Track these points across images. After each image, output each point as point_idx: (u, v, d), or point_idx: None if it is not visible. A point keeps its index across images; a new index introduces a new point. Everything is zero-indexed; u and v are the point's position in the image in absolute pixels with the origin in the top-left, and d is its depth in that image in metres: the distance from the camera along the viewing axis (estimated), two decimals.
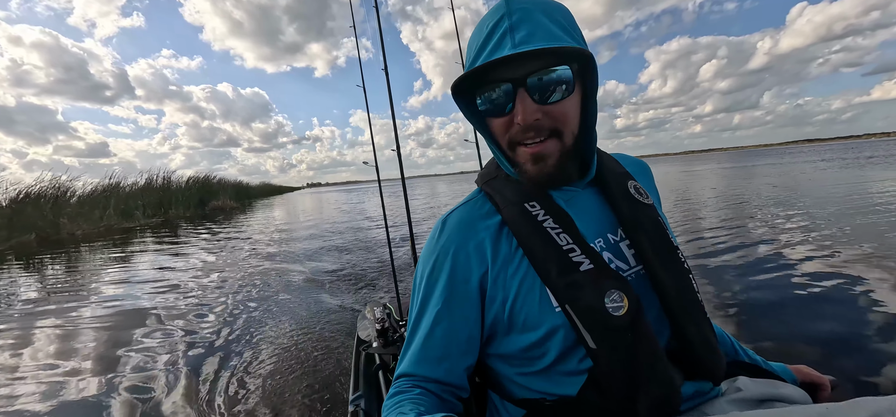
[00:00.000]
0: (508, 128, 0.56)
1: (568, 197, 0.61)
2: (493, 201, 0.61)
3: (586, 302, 0.50)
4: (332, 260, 4.91)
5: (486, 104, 0.55)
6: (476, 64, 0.52)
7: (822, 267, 3.04)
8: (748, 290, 2.71)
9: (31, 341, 2.79)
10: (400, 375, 0.58)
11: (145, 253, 6.53)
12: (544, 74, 0.52)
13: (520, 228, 0.56)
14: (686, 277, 0.57)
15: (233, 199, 21.14)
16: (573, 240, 0.54)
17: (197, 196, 17.43)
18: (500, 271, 0.56)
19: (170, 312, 3.22)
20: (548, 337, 0.53)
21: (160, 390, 1.99)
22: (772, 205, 6.44)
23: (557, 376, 0.55)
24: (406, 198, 2.13)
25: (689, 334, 0.55)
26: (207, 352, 2.38)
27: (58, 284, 4.57)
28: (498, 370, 0.62)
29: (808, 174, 12.29)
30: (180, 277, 4.48)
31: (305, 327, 2.68)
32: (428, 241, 0.62)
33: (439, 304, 0.57)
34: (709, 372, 0.56)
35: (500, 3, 0.54)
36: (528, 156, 0.56)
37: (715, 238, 4.34)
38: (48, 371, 2.29)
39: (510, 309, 0.55)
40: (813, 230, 4.30)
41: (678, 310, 0.55)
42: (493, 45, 0.51)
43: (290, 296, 3.43)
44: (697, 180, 14.11)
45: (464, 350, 0.57)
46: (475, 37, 0.56)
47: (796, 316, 2.26)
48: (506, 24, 0.51)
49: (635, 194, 0.63)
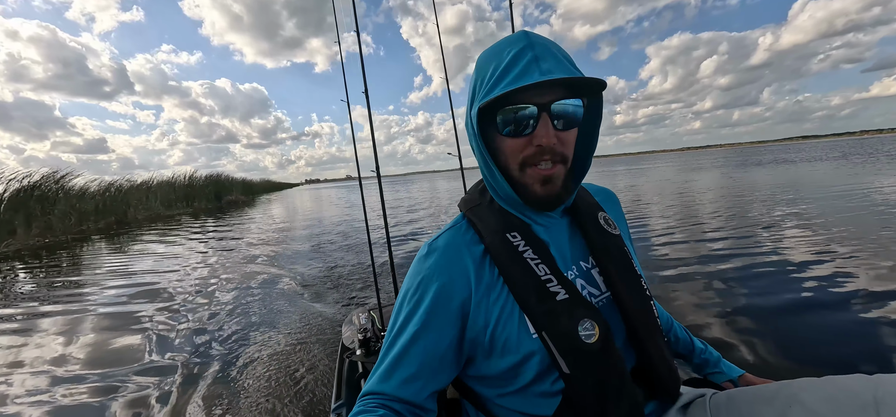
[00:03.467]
0: (523, 149, 0.58)
1: (547, 223, 0.65)
2: (476, 229, 0.64)
3: (561, 330, 0.54)
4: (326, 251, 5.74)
5: (509, 124, 0.58)
6: (507, 87, 0.55)
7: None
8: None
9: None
10: (366, 393, 0.59)
11: (207, 231, 10.00)
12: (565, 104, 0.57)
13: (501, 258, 0.60)
14: (648, 303, 0.63)
15: (242, 194, 24.95)
16: (550, 271, 0.58)
17: (214, 191, 21.09)
18: (482, 297, 0.59)
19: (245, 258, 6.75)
20: (525, 361, 0.57)
21: (249, 309, 3.19)
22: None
23: (532, 396, 0.59)
24: (384, 212, 2.14)
25: (651, 356, 0.61)
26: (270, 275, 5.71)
27: (155, 248, 7.72)
28: (477, 390, 0.65)
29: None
30: (242, 243, 7.99)
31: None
32: (414, 264, 0.64)
33: (418, 325, 0.58)
34: (667, 390, 0.62)
35: (519, 34, 0.59)
36: (538, 177, 0.59)
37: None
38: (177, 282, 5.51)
39: (491, 334, 0.58)
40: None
41: (643, 334, 0.60)
42: (520, 70, 0.55)
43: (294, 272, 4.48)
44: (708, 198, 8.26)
45: (436, 370, 0.59)
46: (493, 59, 0.59)
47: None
48: (530, 55, 0.55)
49: (605, 225, 0.68)
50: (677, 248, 4.11)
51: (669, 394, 0.63)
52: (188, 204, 17.98)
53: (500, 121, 0.58)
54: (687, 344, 0.81)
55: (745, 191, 8.64)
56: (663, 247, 4.22)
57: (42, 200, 9.57)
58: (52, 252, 7.07)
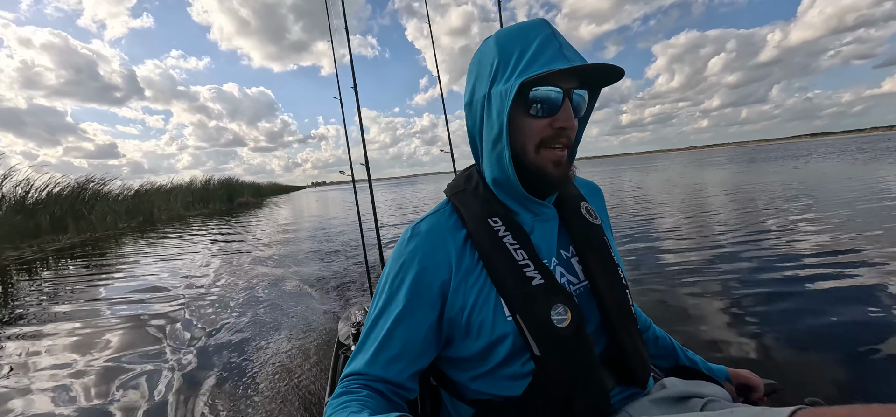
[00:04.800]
0: (543, 131, 0.60)
1: (537, 210, 0.66)
2: (459, 214, 0.65)
3: (535, 313, 0.56)
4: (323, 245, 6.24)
5: (539, 104, 0.58)
6: (553, 65, 0.55)
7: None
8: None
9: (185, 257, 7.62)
10: (349, 374, 0.60)
11: (222, 228, 11.47)
12: (581, 93, 0.61)
13: (482, 242, 0.61)
14: (624, 292, 0.65)
15: (252, 197, 26.54)
16: (528, 256, 0.60)
17: (226, 194, 22.63)
18: (461, 280, 0.60)
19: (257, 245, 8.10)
20: (498, 342, 0.58)
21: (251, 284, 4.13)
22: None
23: (502, 379, 0.60)
24: (374, 207, 2.22)
25: (623, 343, 0.62)
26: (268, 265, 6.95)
27: (183, 241, 9.31)
28: (451, 374, 0.67)
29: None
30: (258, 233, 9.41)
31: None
32: (397, 246, 0.65)
33: (401, 306, 0.59)
34: (636, 377, 0.63)
35: (540, 21, 0.60)
36: (552, 158, 0.60)
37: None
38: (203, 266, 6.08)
39: (468, 317, 0.60)
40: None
41: (616, 322, 0.62)
42: (553, 53, 0.56)
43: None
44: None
45: (418, 353, 0.60)
46: (518, 41, 0.59)
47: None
48: (557, 42, 0.57)
49: (587, 215, 0.70)
50: (755, 255, 3.55)
51: (639, 382, 0.64)
52: (204, 205, 19.51)
53: (531, 100, 0.58)
54: (667, 345, 0.82)
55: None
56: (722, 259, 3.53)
57: (85, 202, 11.04)
58: (96, 245, 8.34)
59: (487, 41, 0.63)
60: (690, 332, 2.25)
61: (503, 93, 0.58)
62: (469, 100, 0.65)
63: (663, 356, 0.82)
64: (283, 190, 58.72)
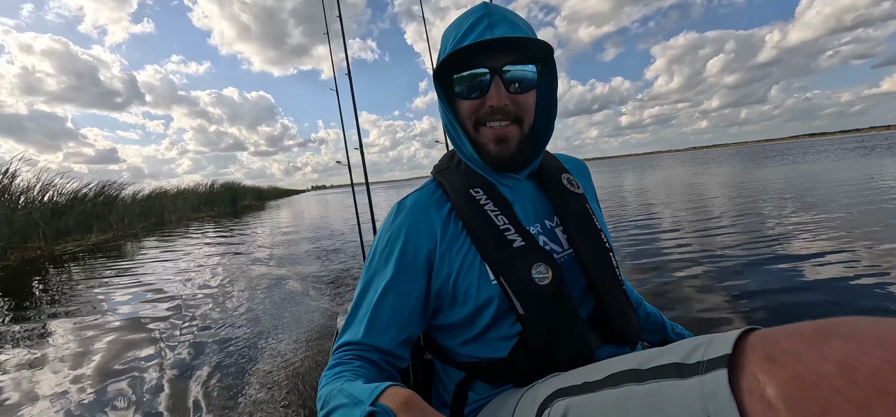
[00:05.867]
0: (477, 111, 0.62)
1: (512, 184, 0.68)
2: (443, 189, 0.68)
3: (517, 274, 0.58)
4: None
5: (463, 85, 0.61)
6: (454, 47, 0.59)
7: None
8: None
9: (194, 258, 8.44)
10: (341, 345, 0.61)
11: (230, 228, 12.45)
12: (516, 68, 0.61)
13: (464, 211, 0.63)
14: (606, 256, 0.66)
15: (254, 200, 27.64)
16: (509, 221, 0.62)
17: (230, 197, 23.67)
18: (446, 249, 0.62)
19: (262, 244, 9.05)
20: (484, 307, 0.60)
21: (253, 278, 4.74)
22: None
23: (490, 341, 0.62)
24: (371, 203, 2.31)
25: (606, 304, 0.63)
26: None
27: (194, 237, 10.42)
28: (440, 341, 0.69)
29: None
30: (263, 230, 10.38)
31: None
32: (384, 222, 0.68)
33: (389, 276, 0.61)
34: (623, 337, 0.64)
35: (479, 5, 0.62)
36: (492, 136, 0.63)
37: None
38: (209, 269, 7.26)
39: (453, 284, 0.61)
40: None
41: (598, 284, 0.63)
42: (476, 36, 0.59)
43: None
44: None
45: (407, 321, 0.62)
46: (453, 29, 0.63)
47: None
48: (486, 22, 0.59)
49: (568, 185, 0.72)
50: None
51: (627, 341, 0.64)
52: (210, 208, 20.51)
53: (456, 83, 0.62)
54: (657, 320, 0.84)
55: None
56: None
57: (105, 205, 12.04)
58: (115, 247, 9.07)
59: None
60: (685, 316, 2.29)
61: (434, 84, 0.63)
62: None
63: (654, 331, 0.84)
64: (283, 193, 59.93)
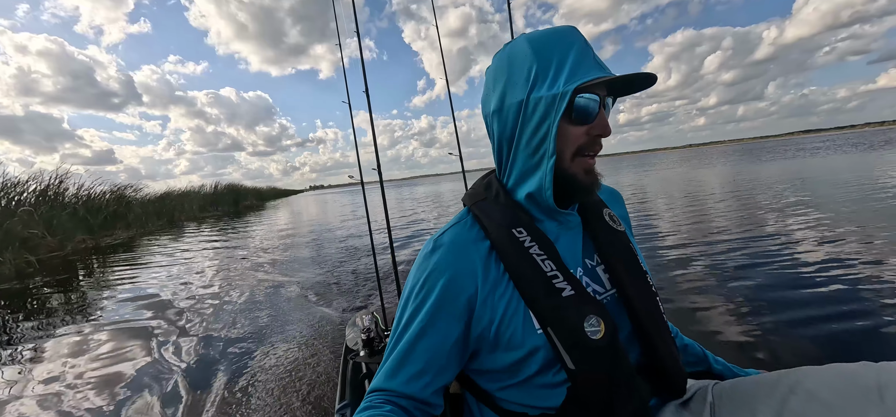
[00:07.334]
0: (580, 138, 0.60)
1: (557, 220, 0.65)
2: (481, 224, 0.64)
3: (567, 326, 0.55)
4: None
5: (581, 111, 0.58)
6: (588, 75, 0.56)
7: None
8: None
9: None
10: (373, 389, 0.60)
11: (236, 227, 13.81)
12: (612, 101, 0.62)
13: (507, 253, 0.60)
14: (654, 300, 0.64)
15: (255, 200, 29.23)
16: (556, 267, 0.59)
17: (232, 198, 25.20)
18: (489, 293, 0.59)
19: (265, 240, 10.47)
20: (529, 356, 0.57)
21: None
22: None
23: (534, 388, 0.59)
24: (386, 213, 2.20)
25: (658, 351, 0.61)
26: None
27: (208, 236, 11.67)
28: (479, 383, 0.66)
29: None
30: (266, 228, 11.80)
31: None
32: (419, 259, 0.64)
33: (425, 320, 0.59)
34: (674, 385, 0.62)
35: (571, 28, 0.60)
36: (584, 166, 0.61)
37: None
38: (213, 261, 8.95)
39: (496, 330, 0.59)
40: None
41: (650, 330, 0.61)
42: (591, 62, 0.57)
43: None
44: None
45: (443, 366, 0.59)
46: (556, 48, 0.58)
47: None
48: (591, 51, 0.58)
49: (610, 222, 0.69)
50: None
51: (676, 389, 0.63)
52: (215, 208, 22.08)
53: (575, 107, 0.58)
54: (697, 352, 0.80)
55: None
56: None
57: (125, 205, 13.55)
58: (142, 241, 10.41)
59: (517, 45, 0.62)
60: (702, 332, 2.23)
61: (549, 100, 0.57)
62: (498, 106, 0.63)
63: (694, 363, 0.81)
64: (282, 193, 61.37)
